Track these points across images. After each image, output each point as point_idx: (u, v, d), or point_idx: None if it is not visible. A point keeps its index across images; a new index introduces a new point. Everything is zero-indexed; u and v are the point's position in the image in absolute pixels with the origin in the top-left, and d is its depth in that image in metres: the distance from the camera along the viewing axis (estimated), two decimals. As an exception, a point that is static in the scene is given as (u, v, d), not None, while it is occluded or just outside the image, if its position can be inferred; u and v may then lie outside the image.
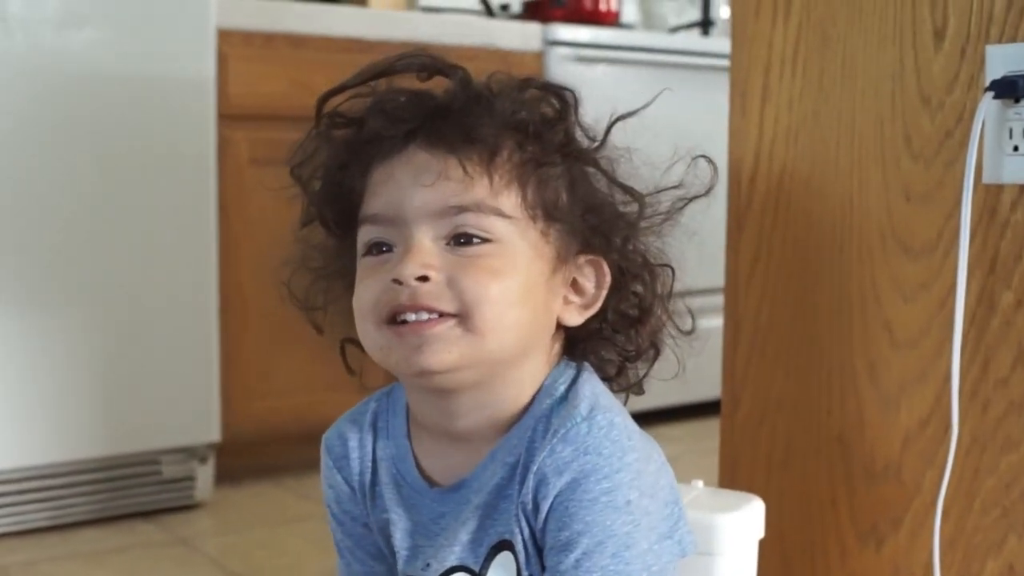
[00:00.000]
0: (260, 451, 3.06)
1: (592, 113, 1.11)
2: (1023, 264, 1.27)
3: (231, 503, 2.88)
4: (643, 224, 1.10)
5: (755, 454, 1.54)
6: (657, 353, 1.14)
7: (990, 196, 1.29)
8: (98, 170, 2.62)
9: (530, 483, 1.02)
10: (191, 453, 2.80)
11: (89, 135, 2.61)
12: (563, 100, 1.08)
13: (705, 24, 4.32)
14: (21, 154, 2.53)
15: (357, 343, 1.13)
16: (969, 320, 1.31)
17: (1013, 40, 1.27)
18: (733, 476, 1.57)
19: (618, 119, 1.10)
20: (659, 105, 1.12)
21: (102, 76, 2.61)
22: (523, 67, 3.32)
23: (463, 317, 1.00)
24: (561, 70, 3.36)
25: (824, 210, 1.45)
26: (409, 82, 1.08)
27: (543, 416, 1.05)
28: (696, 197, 1.11)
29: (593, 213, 1.07)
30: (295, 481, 3.01)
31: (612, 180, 1.09)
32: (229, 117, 2.85)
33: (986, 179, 1.29)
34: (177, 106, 2.72)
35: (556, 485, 1.01)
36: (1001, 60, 1.27)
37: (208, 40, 2.74)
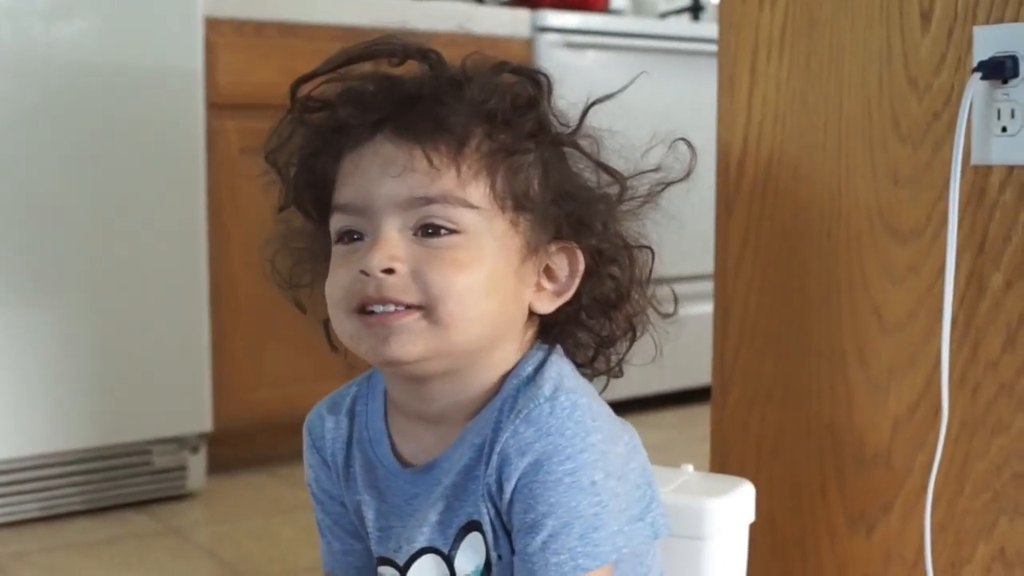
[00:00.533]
0: (252, 441, 3.05)
1: (582, 100, 1.10)
2: (1012, 245, 1.26)
3: (223, 493, 2.87)
4: (622, 207, 1.10)
5: (745, 441, 1.54)
6: (635, 337, 1.14)
7: (978, 178, 1.28)
8: (87, 160, 2.61)
9: (494, 463, 1.02)
10: (183, 443, 2.80)
11: (78, 126, 2.60)
12: (537, 84, 1.07)
13: (695, 9, 4.31)
14: (10, 145, 2.52)
15: None
16: (958, 303, 1.31)
17: (1000, 21, 1.26)
18: (724, 463, 1.56)
19: (595, 102, 1.09)
20: (650, 91, 1.11)
21: (91, 66, 2.60)
22: (512, 53, 3.31)
23: (428, 309, 1.01)
24: (550, 56, 3.35)
25: (812, 194, 1.44)
26: (384, 65, 1.07)
27: (509, 397, 1.05)
28: (675, 181, 1.10)
29: (568, 199, 1.07)
30: (287, 471, 3.01)
31: (595, 161, 1.08)
32: (218, 106, 2.85)
33: (974, 161, 1.28)
34: (166, 96, 2.71)
35: (519, 466, 1.01)
36: (988, 41, 1.26)
37: (196, 29, 2.74)
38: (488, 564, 1.06)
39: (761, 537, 1.42)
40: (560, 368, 1.07)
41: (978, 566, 1.32)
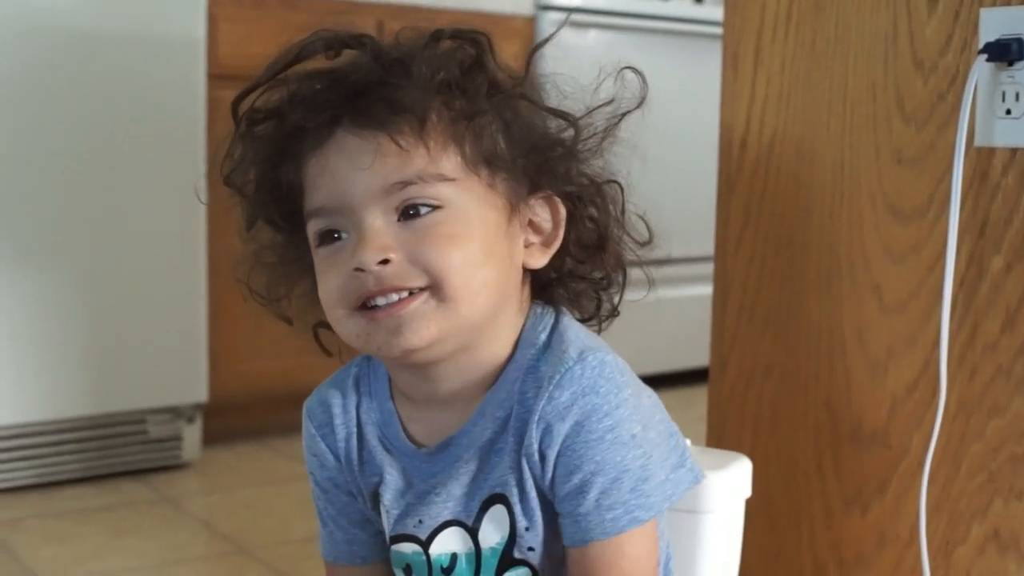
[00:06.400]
0: (247, 412, 3.06)
1: (584, 79, 1.09)
2: (1013, 228, 1.27)
3: (218, 463, 2.88)
4: (583, 147, 1.09)
5: (742, 418, 1.55)
6: (625, 274, 1.14)
7: (982, 159, 1.29)
8: (88, 130, 2.61)
9: (533, 434, 1.02)
10: (178, 413, 2.80)
11: (78, 94, 2.60)
12: (478, 44, 1.06)
13: (698, -9, 4.30)
14: (10, 115, 2.52)
15: (327, 326, 1.12)
16: (958, 284, 1.31)
17: (1007, 3, 1.26)
18: (720, 440, 1.57)
19: (536, 48, 1.09)
20: (650, 72, 1.11)
21: (92, 35, 2.60)
22: (514, 31, 3.30)
23: (434, 288, 1.00)
24: (553, 34, 3.34)
25: (815, 174, 1.44)
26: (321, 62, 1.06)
27: (530, 367, 1.05)
28: (629, 111, 1.09)
29: (534, 150, 1.06)
30: (282, 442, 3.02)
31: (544, 109, 1.07)
32: (219, 77, 2.84)
33: (978, 142, 1.28)
34: (167, 66, 2.71)
35: (561, 431, 1.01)
36: (995, 23, 1.26)
37: (198, 0, 2.73)
38: (512, 536, 1.06)
39: (756, 513, 1.43)
40: (576, 330, 1.07)
41: (972, 547, 1.33)
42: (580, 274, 1.12)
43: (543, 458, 1.03)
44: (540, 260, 1.08)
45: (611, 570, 1.03)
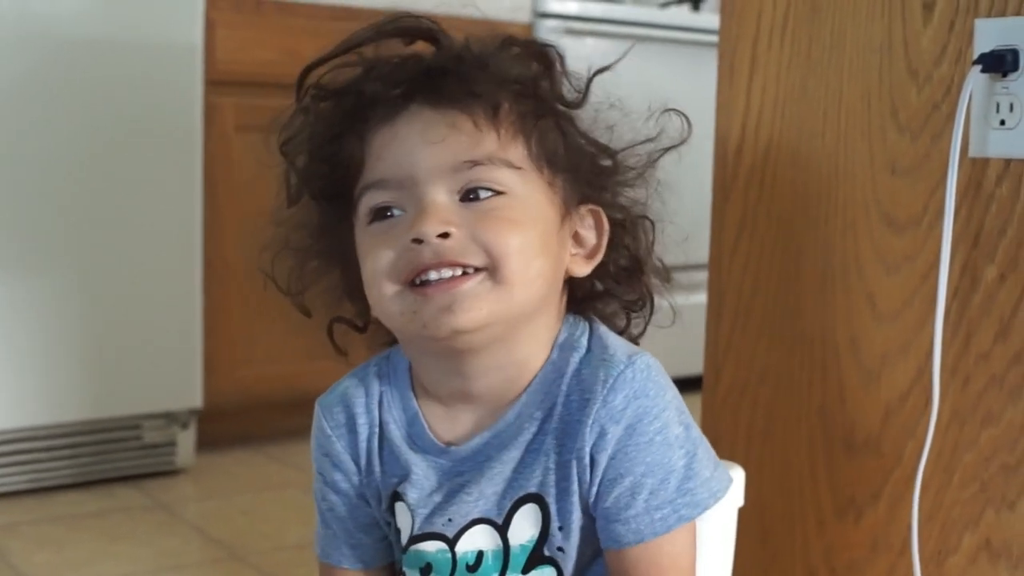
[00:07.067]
0: (242, 418, 3.06)
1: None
2: (1007, 238, 1.27)
3: (213, 469, 2.88)
4: (621, 178, 1.11)
5: (736, 425, 1.55)
6: (653, 304, 1.15)
7: (976, 170, 1.29)
8: (84, 135, 2.61)
9: (586, 437, 1.03)
10: (173, 419, 2.80)
11: (76, 100, 2.60)
12: (546, 57, 1.08)
13: (695, 0, 4.31)
14: (7, 119, 2.52)
15: (346, 322, 1.12)
16: (952, 294, 1.31)
17: (1002, 14, 1.26)
18: (714, 446, 1.53)
19: (597, 72, 1.11)
20: (648, 80, 1.12)
21: (90, 40, 2.60)
22: (512, 38, 3.30)
23: (492, 270, 1.00)
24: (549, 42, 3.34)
25: (810, 182, 1.45)
26: (390, 48, 1.07)
27: (574, 371, 1.05)
28: (670, 148, 1.11)
29: (588, 162, 1.08)
30: (277, 449, 3.01)
31: (586, 139, 1.09)
32: (216, 83, 2.84)
33: (972, 153, 1.29)
34: (164, 72, 2.71)
35: (615, 435, 1.02)
36: (990, 34, 1.26)
37: (196, 5, 2.73)
38: (544, 534, 1.06)
39: (750, 520, 1.42)
40: (614, 336, 1.09)
41: (964, 556, 1.33)
42: (614, 293, 1.13)
43: (593, 462, 1.03)
44: (583, 269, 1.09)
45: (651, 569, 1.04)
